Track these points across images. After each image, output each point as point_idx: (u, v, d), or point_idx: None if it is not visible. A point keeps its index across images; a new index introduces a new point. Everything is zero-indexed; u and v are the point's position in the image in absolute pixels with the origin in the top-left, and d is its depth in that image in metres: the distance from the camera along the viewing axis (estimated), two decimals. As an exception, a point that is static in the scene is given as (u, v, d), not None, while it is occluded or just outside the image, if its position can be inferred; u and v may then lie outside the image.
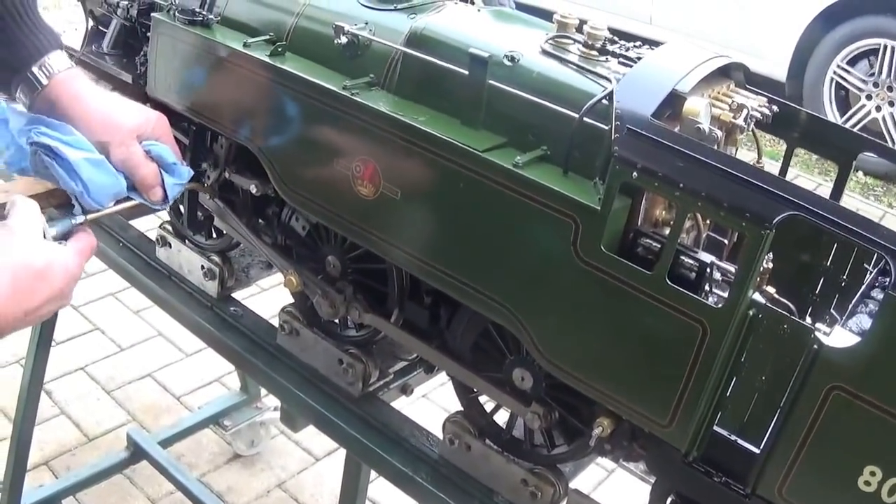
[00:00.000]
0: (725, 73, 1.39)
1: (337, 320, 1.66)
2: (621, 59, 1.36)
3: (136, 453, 2.80)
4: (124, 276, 2.06)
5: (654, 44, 1.45)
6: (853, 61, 6.07)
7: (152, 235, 2.08)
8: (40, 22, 1.44)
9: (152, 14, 1.67)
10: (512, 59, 1.36)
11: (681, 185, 1.14)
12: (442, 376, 1.82)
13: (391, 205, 1.39)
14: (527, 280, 1.31)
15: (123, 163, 1.43)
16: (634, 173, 1.17)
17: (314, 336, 1.71)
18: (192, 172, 1.55)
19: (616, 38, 1.41)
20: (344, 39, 1.47)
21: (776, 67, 6.16)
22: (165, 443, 2.87)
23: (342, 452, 3.16)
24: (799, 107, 1.47)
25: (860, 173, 6.04)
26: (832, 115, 6.15)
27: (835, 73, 6.10)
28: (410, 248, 1.40)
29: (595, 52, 1.37)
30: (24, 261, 1.16)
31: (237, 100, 1.56)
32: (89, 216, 1.38)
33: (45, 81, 1.42)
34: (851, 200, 5.60)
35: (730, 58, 1.37)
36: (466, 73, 1.35)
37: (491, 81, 1.33)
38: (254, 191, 1.63)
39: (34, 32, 1.42)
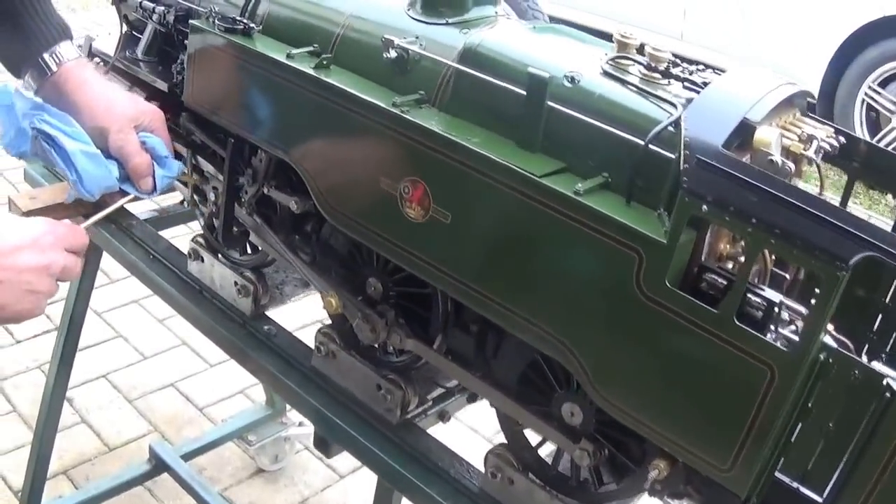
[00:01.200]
0: (790, 100, 1.31)
1: (377, 345, 1.59)
2: (686, 84, 1.28)
3: (158, 466, 2.74)
4: (154, 290, 2.00)
5: (715, 69, 1.38)
6: (884, 83, 5.97)
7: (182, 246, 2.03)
8: (53, 14, 1.56)
9: (190, 21, 1.62)
10: (572, 79, 1.30)
11: (754, 220, 1.08)
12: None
13: (441, 229, 1.32)
14: (583, 313, 1.24)
15: (120, 150, 1.53)
16: (704, 206, 1.10)
17: (352, 359, 1.65)
18: (183, 167, 1.63)
19: (679, 61, 1.34)
20: (393, 54, 1.41)
21: (807, 88, 6.04)
22: (188, 456, 2.81)
23: (366, 471, 3.15)
24: (861, 137, 1.39)
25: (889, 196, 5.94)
26: (862, 136, 6.04)
27: (866, 94, 6.01)
28: (460, 275, 1.33)
29: (657, 75, 1.30)
30: None
31: (279, 113, 1.51)
32: (84, 225, 1.51)
33: (54, 68, 1.54)
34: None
35: (798, 85, 1.30)
36: (524, 93, 1.27)
37: (550, 103, 1.26)
38: (294, 208, 1.57)
39: (46, 24, 1.54)
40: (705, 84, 1.27)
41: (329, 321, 1.69)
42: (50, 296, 1.33)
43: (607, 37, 1.39)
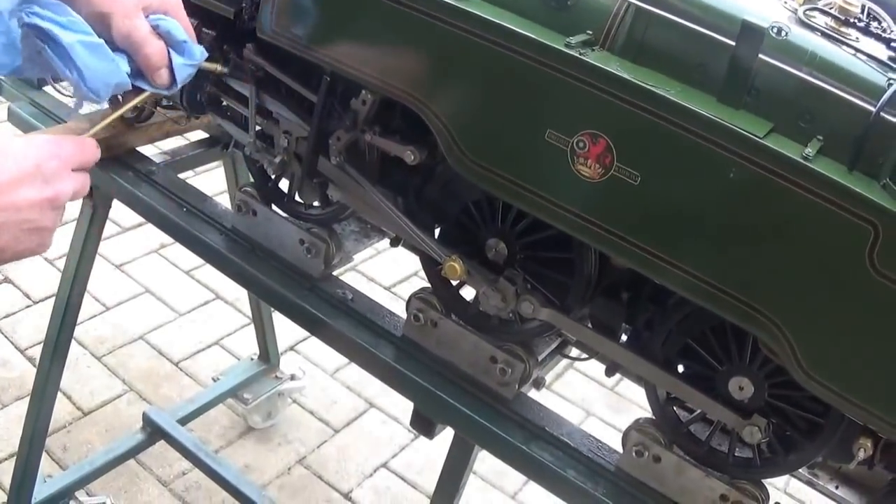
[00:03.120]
0: None
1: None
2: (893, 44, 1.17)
3: (154, 433, 2.54)
4: (193, 248, 1.80)
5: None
6: None
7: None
8: None
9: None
10: (779, 31, 1.15)
11: None
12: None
13: (625, 190, 1.18)
14: (801, 289, 1.13)
15: (127, 38, 1.27)
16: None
17: (458, 329, 1.49)
18: (206, 52, 1.37)
19: (879, 16, 1.22)
20: (554, -14, 1.23)
21: None
22: (184, 420, 2.62)
23: (362, 423, 3.03)
24: None
25: None
26: None
27: None
28: (646, 242, 1.19)
29: (852, 31, 1.18)
30: None
31: (403, 50, 1.32)
32: (92, 130, 1.29)
33: None
34: None
35: None
36: (731, 42, 1.13)
37: (763, 56, 1.12)
38: (410, 159, 1.39)
39: None
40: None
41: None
42: (55, 229, 1.14)
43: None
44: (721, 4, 1.22)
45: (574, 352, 1.68)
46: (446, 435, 1.55)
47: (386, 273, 3.69)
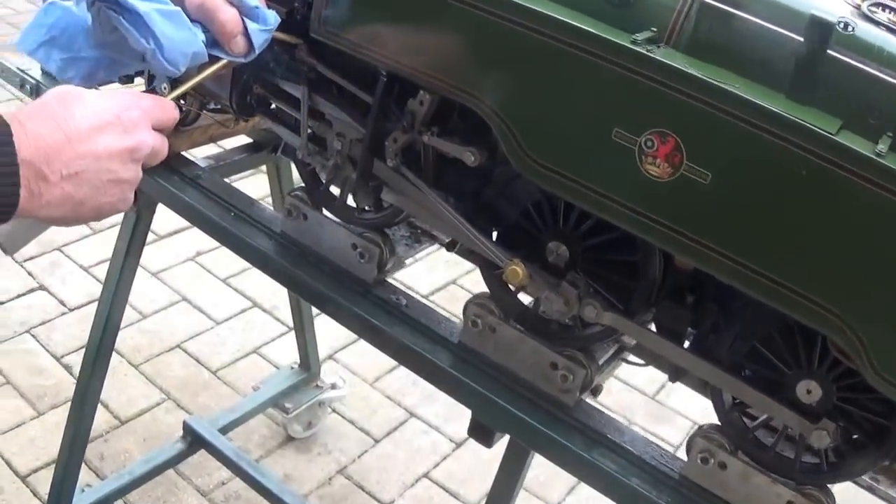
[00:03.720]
0: None
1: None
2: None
3: (195, 443, 2.55)
4: (240, 252, 1.80)
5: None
6: None
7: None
8: None
9: (326, -67, 1.40)
10: (845, 26, 1.15)
11: None
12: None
13: (695, 189, 1.17)
14: (874, 287, 1.12)
15: (200, 7, 1.27)
16: None
17: (518, 335, 1.49)
18: (279, 18, 1.38)
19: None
20: (617, -19, 1.22)
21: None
22: (225, 429, 2.63)
23: (403, 432, 3.03)
24: None
25: None
26: None
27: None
28: (716, 243, 1.19)
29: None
30: (52, 92, 1.07)
31: (463, 47, 1.33)
32: (170, 95, 1.27)
33: None
34: None
35: None
36: (799, 38, 1.12)
37: (832, 52, 1.13)
38: (470, 160, 1.39)
39: None
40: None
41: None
42: (136, 184, 1.13)
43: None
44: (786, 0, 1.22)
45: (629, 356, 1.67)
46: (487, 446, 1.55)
47: (423, 282, 3.69)
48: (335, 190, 1.72)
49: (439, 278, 3.75)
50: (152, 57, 1.22)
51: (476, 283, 3.68)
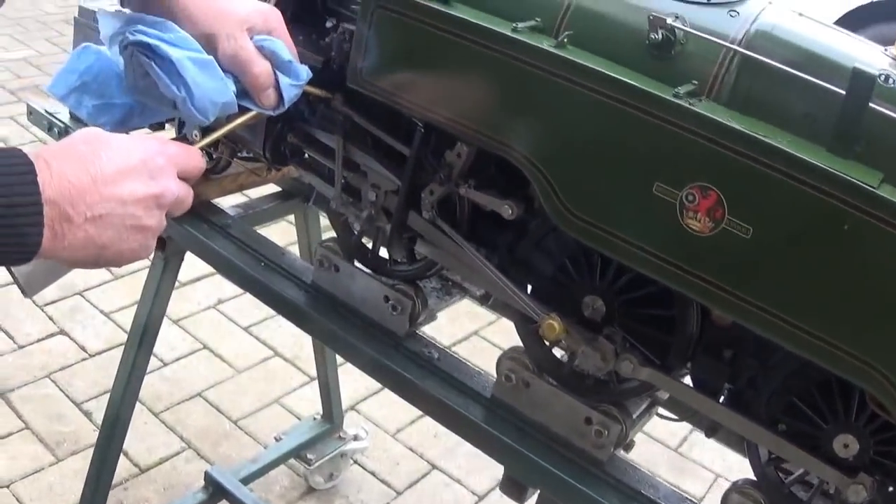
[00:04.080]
0: None
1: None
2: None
3: (216, 493, 2.54)
4: (271, 303, 1.81)
5: None
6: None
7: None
8: None
9: (367, -18, 1.42)
10: (887, 78, 1.16)
11: None
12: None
13: (736, 244, 1.17)
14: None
15: (233, 59, 1.30)
16: None
17: (552, 389, 1.48)
18: (311, 73, 1.40)
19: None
20: (659, 35, 1.23)
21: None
22: (247, 479, 2.62)
23: (425, 485, 3.01)
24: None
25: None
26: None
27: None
28: (759, 298, 1.18)
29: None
30: (81, 133, 1.06)
31: (499, 98, 1.33)
32: (199, 144, 1.28)
33: None
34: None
35: None
36: (841, 91, 1.13)
37: (874, 105, 1.12)
38: (507, 213, 1.40)
39: None
40: None
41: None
42: (159, 232, 1.12)
43: None
44: (826, 52, 1.23)
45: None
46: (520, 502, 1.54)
47: (445, 333, 3.69)
48: (366, 241, 1.73)
49: (461, 330, 3.74)
50: (182, 104, 1.23)
51: (498, 334, 3.69)
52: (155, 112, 1.33)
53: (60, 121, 2.23)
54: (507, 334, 3.65)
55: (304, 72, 1.38)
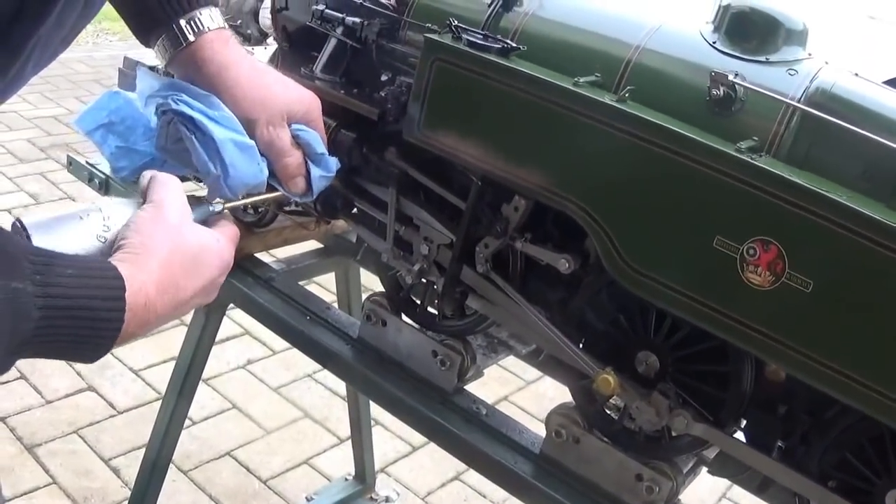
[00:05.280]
0: None
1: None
2: None
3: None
4: (317, 358, 1.83)
5: None
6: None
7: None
8: None
9: (425, 35, 1.46)
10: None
11: None
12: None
13: (797, 299, 1.19)
14: None
15: (269, 146, 1.32)
16: None
17: (603, 446, 1.49)
18: (339, 165, 1.43)
19: None
20: (721, 91, 1.27)
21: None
22: (278, 541, 2.61)
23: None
24: None
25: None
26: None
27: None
28: (820, 354, 1.19)
29: None
30: (178, 244, 1.06)
31: (562, 153, 1.37)
32: (227, 205, 1.25)
33: (191, 38, 1.27)
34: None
35: None
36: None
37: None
38: (564, 268, 1.42)
39: None
40: None
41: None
42: None
43: None
44: (884, 110, 1.27)
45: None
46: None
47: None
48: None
49: (491, 394, 3.74)
50: (215, 181, 1.26)
51: (528, 399, 3.70)
52: (178, 170, 1.35)
53: (101, 171, 2.28)
54: (537, 399, 3.68)
55: (334, 164, 1.42)
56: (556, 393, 1.58)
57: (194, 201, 1.19)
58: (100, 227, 1.05)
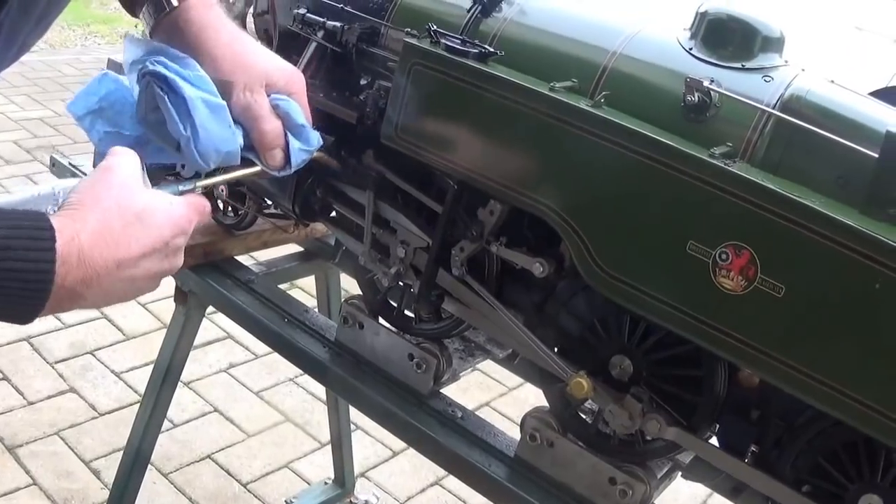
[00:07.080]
0: None
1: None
2: None
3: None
4: (293, 359, 1.82)
5: None
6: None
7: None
8: None
9: (406, 40, 1.45)
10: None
11: None
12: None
13: (768, 304, 1.19)
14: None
15: (244, 110, 1.27)
16: None
17: (576, 449, 1.49)
18: (322, 141, 1.37)
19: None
20: (696, 98, 1.27)
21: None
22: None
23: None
24: None
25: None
26: None
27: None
28: (791, 358, 1.19)
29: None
30: (119, 200, 1.02)
31: (535, 157, 1.36)
32: (199, 183, 1.22)
33: (175, 2, 1.26)
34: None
35: None
36: (873, 154, 1.16)
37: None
38: (538, 271, 1.42)
39: None
40: None
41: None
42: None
43: None
44: (858, 117, 1.27)
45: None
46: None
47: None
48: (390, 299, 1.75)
49: (472, 400, 3.73)
50: (186, 144, 1.22)
51: (510, 406, 3.68)
52: (160, 152, 1.32)
53: (84, 174, 2.26)
54: (518, 405, 3.66)
55: (316, 138, 1.36)
56: (537, 399, 1.57)
57: (163, 181, 1.17)
58: (51, 201, 1.03)
